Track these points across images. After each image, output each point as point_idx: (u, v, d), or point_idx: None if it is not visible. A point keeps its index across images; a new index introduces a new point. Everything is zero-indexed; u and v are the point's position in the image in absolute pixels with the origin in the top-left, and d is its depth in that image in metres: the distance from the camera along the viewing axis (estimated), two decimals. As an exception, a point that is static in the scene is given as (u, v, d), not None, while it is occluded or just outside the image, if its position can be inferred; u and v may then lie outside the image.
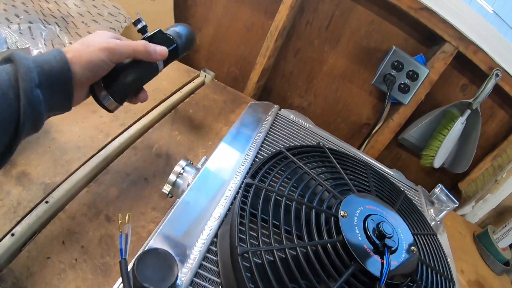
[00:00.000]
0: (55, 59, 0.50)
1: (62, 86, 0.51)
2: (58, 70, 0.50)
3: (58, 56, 0.51)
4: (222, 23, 1.41)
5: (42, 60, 0.50)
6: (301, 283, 0.45)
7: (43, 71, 0.49)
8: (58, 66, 0.50)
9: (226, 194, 0.59)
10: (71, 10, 1.32)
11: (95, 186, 0.73)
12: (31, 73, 0.47)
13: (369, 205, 0.58)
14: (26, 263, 0.60)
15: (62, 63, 0.51)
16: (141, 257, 0.41)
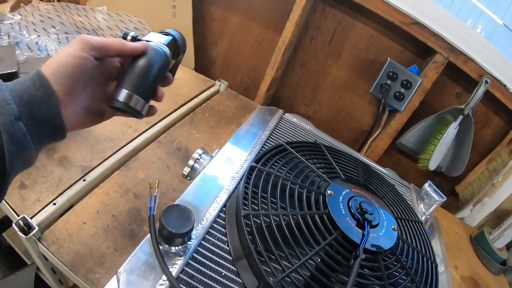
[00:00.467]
0: (34, 85, 0.45)
1: (47, 114, 0.46)
2: (39, 98, 0.45)
3: (37, 81, 0.45)
4: (236, 37, 1.51)
5: (20, 88, 0.44)
6: (292, 243, 0.55)
7: (22, 101, 0.44)
8: (39, 93, 0.45)
9: (234, 176, 0.70)
10: (101, 23, 1.42)
11: (125, 170, 0.86)
12: (8, 105, 0.42)
13: (355, 190, 0.67)
14: (65, 226, 0.71)
15: (42, 89, 0.46)
16: (167, 209, 0.53)
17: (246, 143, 0.81)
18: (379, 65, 1.30)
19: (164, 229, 0.51)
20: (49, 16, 1.39)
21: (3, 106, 0.42)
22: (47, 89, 0.46)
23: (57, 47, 1.19)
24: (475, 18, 1.33)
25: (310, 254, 0.54)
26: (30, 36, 1.22)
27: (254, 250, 0.53)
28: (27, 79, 0.45)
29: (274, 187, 0.64)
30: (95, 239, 0.71)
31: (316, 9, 1.32)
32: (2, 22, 1.29)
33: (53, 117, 0.47)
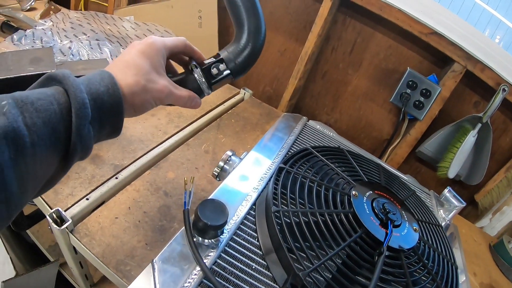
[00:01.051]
0: (107, 91, 0.48)
1: (112, 120, 0.50)
2: (110, 105, 0.48)
3: (111, 89, 0.48)
4: (259, 48, 1.55)
5: (95, 92, 0.47)
6: (319, 239, 0.58)
7: (95, 105, 0.46)
8: (111, 100, 0.48)
9: (262, 176, 0.74)
10: (129, 32, 1.45)
11: (156, 170, 0.90)
12: (86, 109, 0.44)
13: (377, 191, 0.70)
14: (98, 220, 0.75)
15: (115, 97, 0.49)
16: (202, 202, 0.56)
17: (273, 147, 0.84)
18: (398, 74, 1.32)
19: (199, 221, 0.54)
20: (79, 23, 1.43)
21: (81, 109, 0.44)
22: (118, 98, 0.49)
23: (89, 53, 1.22)
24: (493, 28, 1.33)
25: (337, 249, 0.57)
26: (62, 41, 1.26)
27: (285, 245, 0.56)
28: (102, 84, 0.48)
29: (301, 188, 0.67)
30: (127, 233, 0.74)
31: (337, 20, 1.35)
32: (35, 28, 1.34)
33: (116, 122, 0.51)
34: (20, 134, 0.38)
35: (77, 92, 0.44)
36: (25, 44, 1.22)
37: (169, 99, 0.58)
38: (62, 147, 0.44)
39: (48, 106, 0.42)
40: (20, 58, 0.87)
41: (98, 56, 1.22)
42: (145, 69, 0.54)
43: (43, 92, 0.43)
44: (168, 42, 0.60)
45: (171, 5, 1.52)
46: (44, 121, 0.41)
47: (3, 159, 0.36)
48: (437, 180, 1.41)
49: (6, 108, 0.38)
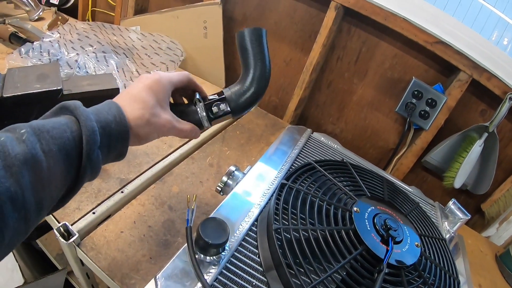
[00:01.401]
0: (115, 120, 0.53)
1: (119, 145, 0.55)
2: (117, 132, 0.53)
3: (118, 117, 0.53)
4: (264, 58, 1.55)
5: (104, 120, 0.51)
6: (319, 256, 0.59)
7: (104, 132, 0.51)
8: (118, 128, 0.53)
9: (265, 192, 0.74)
10: (135, 43, 1.47)
11: (161, 184, 0.91)
12: (95, 136, 0.49)
13: (380, 207, 0.70)
14: (104, 234, 0.77)
15: (122, 126, 0.54)
16: (204, 221, 0.57)
17: (277, 160, 0.85)
18: (404, 83, 1.32)
19: (201, 239, 0.56)
20: (86, 35, 1.45)
21: (91, 136, 0.48)
22: (125, 126, 0.54)
23: (96, 66, 1.24)
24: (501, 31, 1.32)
25: (336, 267, 0.57)
26: (69, 54, 1.28)
27: (284, 262, 0.57)
28: (110, 114, 0.53)
29: (303, 203, 0.67)
30: (132, 247, 0.76)
31: (342, 30, 1.36)
32: (42, 40, 1.36)
33: (122, 148, 0.56)
34: (38, 160, 0.42)
35: (87, 121, 0.49)
36: (32, 57, 1.24)
37: (171, 132, 0.64)
38: (74, 170, 0.49)
39: (62, 134, 0.46)
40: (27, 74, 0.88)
41: (104, 69, 1.23)
42: (151, 104, 0.59)
43: (58, 121, 0.48)
44: (174, 78, 0.65)
45: (177, 15, 1.54)
46: (59, 147, 0.45)
47: (25, 183, 0.41)
48: (443, 189, 1.39)
49: (25, 136, 0.43)
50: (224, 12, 1.48)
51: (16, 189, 0.40)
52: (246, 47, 0.71)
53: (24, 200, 0.41)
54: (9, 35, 1.42)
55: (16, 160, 0.40)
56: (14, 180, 0.40)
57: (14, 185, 0.40)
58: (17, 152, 0.41)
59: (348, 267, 0.59)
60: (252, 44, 0.71)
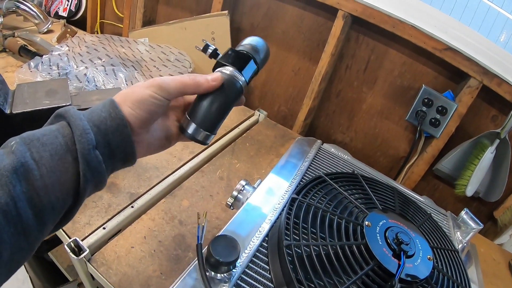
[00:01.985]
0: (110, 116, 0.48)
1: (121, 144, 0.50)
2: (115, 128, 0.48)
3: (113, 112, 0.49)
4: (273, 68, 1.56)
5: (97, 118, 0.48)
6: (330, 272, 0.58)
7: (99, 131, 0.47)
8: (114, 123, 0.48)
9: (276, 206, 0.73)
10: (143, 55, 1.48)
11: (171, 198, 0.91)
12: (87, 134, 0.45)
13: (392, 220, 0.69)
14: (114, 249, 0.77)
15: (118, 120, 0.49)
16: (214, 239, 0.57)
17: (287, 174, 0.84)
18: (414, 91, 1.31)
19: (211, 257, 0.55)
20: (94, 47, 1.46)
21: (83, 135, 0.45)
22: (122, 120, 0.49)
23: (104, 79, 1.25)
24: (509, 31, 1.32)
25: (348, 283, 0.57)
26: (78, 67, 1.29)
27: (295, 278, 0.56)
28: (103, 110, 0.49)
29: (314, 218, 0.67)
30: (142, 262, 0.76)
31: (350, 38, 1.36)
32: (51, 53, 1.37)
33: (126, 146, 0.50)
34: (29, 168, 0.41)
35: (77, 121, 0.46)
36: (41, 70, 1.25)
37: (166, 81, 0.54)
38: (73, 177, 0.45)
39: (53, 140, 0.44)
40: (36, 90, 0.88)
41: (113, 82, 1.24)
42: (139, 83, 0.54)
43: (48, 128, 0.46)
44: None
45: (185, 27, 1.54)
46: (51, 153, 0.43)
47: (16, 193, 0.39)
48: (455, 197, 1.39)
49: (15, 147, 0.42)
50: (231, 23, 1.49)
51: (7, 201, 0.38)
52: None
53: (18, 213, 0.39)
54: (19, 48, 1.43)
55: (5, 171, 0.39)
56: (3, 191, 0.38)
57: (4, 197, 0.38)
58: (5, 163, 0.40)
59: (359, 282, 0.58)
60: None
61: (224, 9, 1.49)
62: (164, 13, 1.82)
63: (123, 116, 0.49)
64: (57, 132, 0.45)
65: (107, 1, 2.00)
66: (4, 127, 0.82)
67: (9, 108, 0.82)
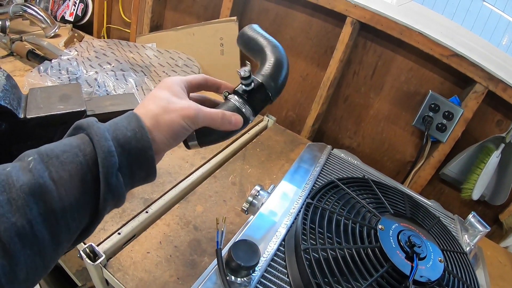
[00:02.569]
0: (135, 136, 0.46)
1: (143, 165, 0.48)
2: (139, 150, 0.47)
3: (139, 133, 0.47)
4: (281, 73, 1.57)
5: (122, 137, 0.45)
6: (347, 274, 0.60)
7: (123, 151, 0.45)
8: (140, 145, 0.47)
9: (290, 211, 0.75)
10: (152, 60, 1.49)
11: (184, 203, 0.92)
12: (112, 157, 0.43)
13: (403, 223, 0.70)
14: (130, 254, 0.77)
15: (144, 142, 0.47)
16: (235, 243, 0.59)
17: (300, 179, 0.86)
18: (420, 96, 1.33)
19: (233, 261, 0.57)
20: (103, 52, 1.47)
21: (107, 158, 0.43)
22: (147, 143, 0.47)
23: (115, 84, 1.26)
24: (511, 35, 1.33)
25: (364, 285, 0.58)
26: (88, 72, 1.30)
27: (314, 282, 0.58)
28: (129, 129, 0.46)
29: (329, 222, 0.68)
30: (159, 267, 0.76)
31: (358, 45, 1.37)
32: (60, 57, 1.38)
33: (148, 167, 0.49)
34: (47, 190, 0.39)
35: (101, 140, 0.43)
36: (51, 75, 1.26)
37: (199, 116, 0.54)
38: (92, 198, 0.44)
39: (73, 158, 0.42)
40: (49, 95, 0.88)
41: (124, 87, 1.25)
42: (165, 95, 0.53)
43: (69, 143, 0.43)
44: (186, 76, 0.60)
45: (193, 32, 1.56)
46: (70, 174, 0.41)
47: (33, 215, 0.37)
48: (461, 201, 1.39)
49: (32, 164, 0.40)
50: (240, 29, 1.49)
51: (23, 224, 0.37)
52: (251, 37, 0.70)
53: (35, 235, 0.38)
54: (27, 52, 1.44)
55: (21, 192, 0.37)
56: (20, 214, 0.37)
57: (20, 220, 0.36)
58: (22, 182, 0.38)
59: (375, 284, 0.59)
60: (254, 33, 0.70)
61: (232, 15, 1.51)
62: (171, 19, 1.84)
63: (149, 139, 0.48)
64: (78, 150, 0.43)
65: (114, 6, 2.02)
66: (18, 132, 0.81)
67: (22, 113, 0.81)
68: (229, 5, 1.51)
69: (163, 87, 0.55)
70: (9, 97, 0.78)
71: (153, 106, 0.51)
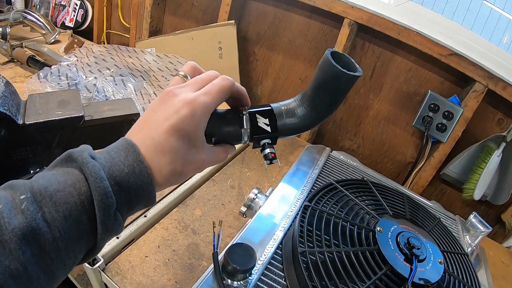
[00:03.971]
0: (133, 172, 0.43)
1: (142, 200, 0.45)
2: (139, 186, 0.43)
3: (137, 168, 0.43)
4: (280, 76, 1.57)
5: (118, 174, 0.42)
6: (344, 277, 0.59)
7: (121, 188, 0.42)
8: (138, 181, 0.43)
9: (288, 214, 0.75)
10: (151, 65, 1.48)
11: (183, 207, 0.92)
12: (108, 198, 0.40)
13: (402, 225, 0.70)
14: (128, 258, 0.77)
15: (143, 177, 0.43)
16: (231, 247, 0.58)
17: (298, 182, 0.86)
18: (420, 97, 1.32)
19: (228, 265, 0.57)
20: (103, 58, 1.47)
21: (103, 200, 0.40)
22: (147, 178, 0.44)
23: (114, 89, 1.26)
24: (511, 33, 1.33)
25: (362, 288, 0.58)
26: (87, 78, 1.30)
27: (311, 285, 0.57)
28: (126, 164, 0.43)
29: (327, 225, 0.68)
30: (157, 271, 0.76)
31: (356, 46, 1.37)
32: (60, 63, 1.38)
33: (147, 199, 0.46)
34: (40, 232, 0.37)
35: (97, 181, 0.40)
36: (51, 81, 1.26)
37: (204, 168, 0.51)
38: (89, 237, 0.42)
39: (67, 198, 0.39)
40: (48, 101, 0.88)
41: (123, 92, 1.25)
42: (182, 152, 0.47)
43: (63, 181, 0.41)
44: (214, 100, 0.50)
45: (191, 37, 1.56)
46: (64, 215, 0.39)
47: (26, 258, 0.36)
48: (463, 201, 1.39)
49: (24, 204, 0.38)
50: (238, 32, 1.51)
51: (17, 266, 0.35)
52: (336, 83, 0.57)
53: (29, 275, 0.36)
54: (27, 58, 1.44)
55: (14, 236, 0.35)
56: (13, 257, 0.35)
57: (14, 263, 0.35)
58: (14, 225, 0.36)
59: (373, 287, 0.59)
60: (343, 85, 0.57)
61: (230, 18, 1.51)
62: (170, 23, 1.84)
63: (149, 174, 0.44)
64: (73, 189, 0.40)
65: (113, 12, 2.03)
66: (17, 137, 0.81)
67: (21, 119, 0.81)
68: (227, 9, 1.51)
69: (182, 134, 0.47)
70: (8, 103, 0.77)
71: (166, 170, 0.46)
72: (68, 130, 0.86)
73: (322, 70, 0.56)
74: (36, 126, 0.82)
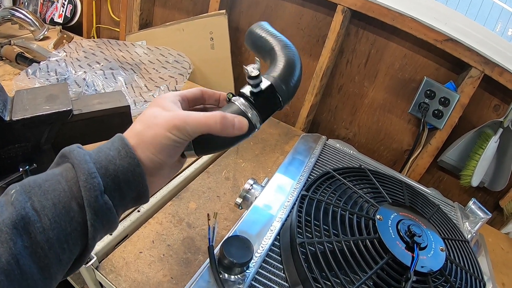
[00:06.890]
0: (119, 155, 0.44)
1: (132, 184, 0.45)
2: (126, 168, 0.43)
3: (122, 150, 0.44)
4: (272, 66, 1.55)
5: (104, 158, 0.43)
6: (345, 268, 0.58)
7: (108, 173, 0.42)
8: (125, 163, 0.43)
9: (285, 204, 0.73)
10: (142, 58, 1.47)
11: (177, 200, 0.90)
12: (93, 179, 0.40)
13: (402, 213, 0.68)
14: (122, 255, 0.75)
15: (129, 159, 0.44)
16: (227, 240, 0.57)
17: (294, 171, 0.84)
18: (415, 83, 1.31)
19: (225, 258, 0.55)
20: (92, 52, 1.45)
21: (88, 180, 0.40)
22: (133, 159, 0.44)
23: (104, 83, 1.24)
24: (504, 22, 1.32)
25: (364, 278, 0.56)
26: (77, 72, 1.28)
27: (311, 276, 0.56)
28: (112, 148, 0.44)
29: (325, 214, 0.66)
30: (152, 267, 0.74)
31: (350, 33, 1.35)
32: (49, 59, 1.36)
33: (138, 186, 0.45)
34: (29, 221, 0.37)
35: (81, 163, 0.41)
36: (39, 77, 1.24)
37: (189, 123, 0.47)
38: (80, 225, 0.41)
39: (55, 185, 0.40)
40: (35, 96, 0.87)
41: (113, 86, 1.23)
42: (152, 112, 0.49)
43: (52, 172, 0.42)
44: (181, 91, 0.54)
45: (182, 28, 1.54)
46: (53, 202, 0.39)
47: (17, 249, 0.35)
48: (461, 188, 1.38)
49: (14, 196, 0.38)
50: (229, 23, 1.49)
51: (8, 259, 0.34)
52: (260, 36, 0.64)
53: (22, 270, 0.35)
54: (16, 55, 1.42)
55: (4, 226, 0.35)
56: (4, 249, 0.34)
57: (5, 255, 0.34)
58: (4, 217, 0.36)
59: (375, 277, 0.58)
60: (263, 32, 0.64)
61: (221, 8, 1.49)
62: (160, 15, 1.81)
63: (135, 155, 0.44)
64: (60, 177, 0.41)
65: (102, 6, 2.00)
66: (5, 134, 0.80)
67: (8, 115, 0.80)
68: (218, -2, 1.49)
69: (153, 105, 0.50)
70: (-6, 100, 0.76)
71: (138, 125, 0.48)
72: (56, 125, 0.84)
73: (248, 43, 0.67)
74: (24, 122, 0.81)
